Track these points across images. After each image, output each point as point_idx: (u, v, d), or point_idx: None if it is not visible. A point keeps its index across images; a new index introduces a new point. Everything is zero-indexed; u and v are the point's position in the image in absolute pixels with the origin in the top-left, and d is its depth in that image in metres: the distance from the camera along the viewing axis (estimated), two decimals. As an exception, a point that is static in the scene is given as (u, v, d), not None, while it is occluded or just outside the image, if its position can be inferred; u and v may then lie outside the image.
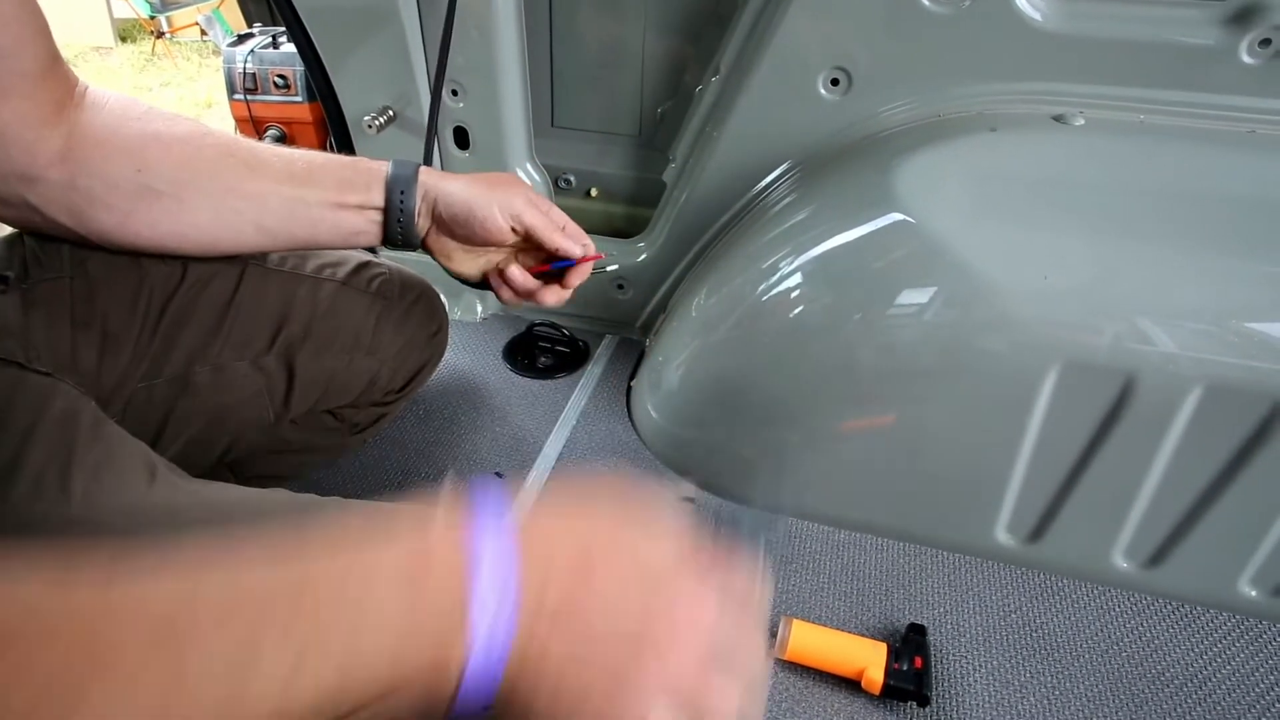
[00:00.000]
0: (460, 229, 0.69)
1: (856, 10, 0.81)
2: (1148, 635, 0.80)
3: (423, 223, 0.70)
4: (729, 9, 0.92)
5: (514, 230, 0.69)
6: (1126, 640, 0.79)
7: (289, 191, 0.65)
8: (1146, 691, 0.75)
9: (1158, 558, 0.80)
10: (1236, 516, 0.75)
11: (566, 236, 0.71)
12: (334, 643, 0.28)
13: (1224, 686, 0.75)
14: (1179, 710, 0.73)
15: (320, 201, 0.66)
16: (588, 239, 0.73)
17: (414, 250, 0.72)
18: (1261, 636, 0.80)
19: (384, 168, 0.68)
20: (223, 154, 0.63)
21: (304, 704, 0.28)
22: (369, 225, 0.69)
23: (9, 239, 0.62)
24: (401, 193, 0.67)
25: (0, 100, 0.53)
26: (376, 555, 0.31)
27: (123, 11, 4.62)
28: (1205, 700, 0.74)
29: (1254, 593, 0.80)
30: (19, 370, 0.54)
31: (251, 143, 0.66)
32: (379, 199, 0.67)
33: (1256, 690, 0.75)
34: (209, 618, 0.27)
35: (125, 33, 4.71)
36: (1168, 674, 0.76)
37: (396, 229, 0.69)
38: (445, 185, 0.69)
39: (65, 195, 0.59)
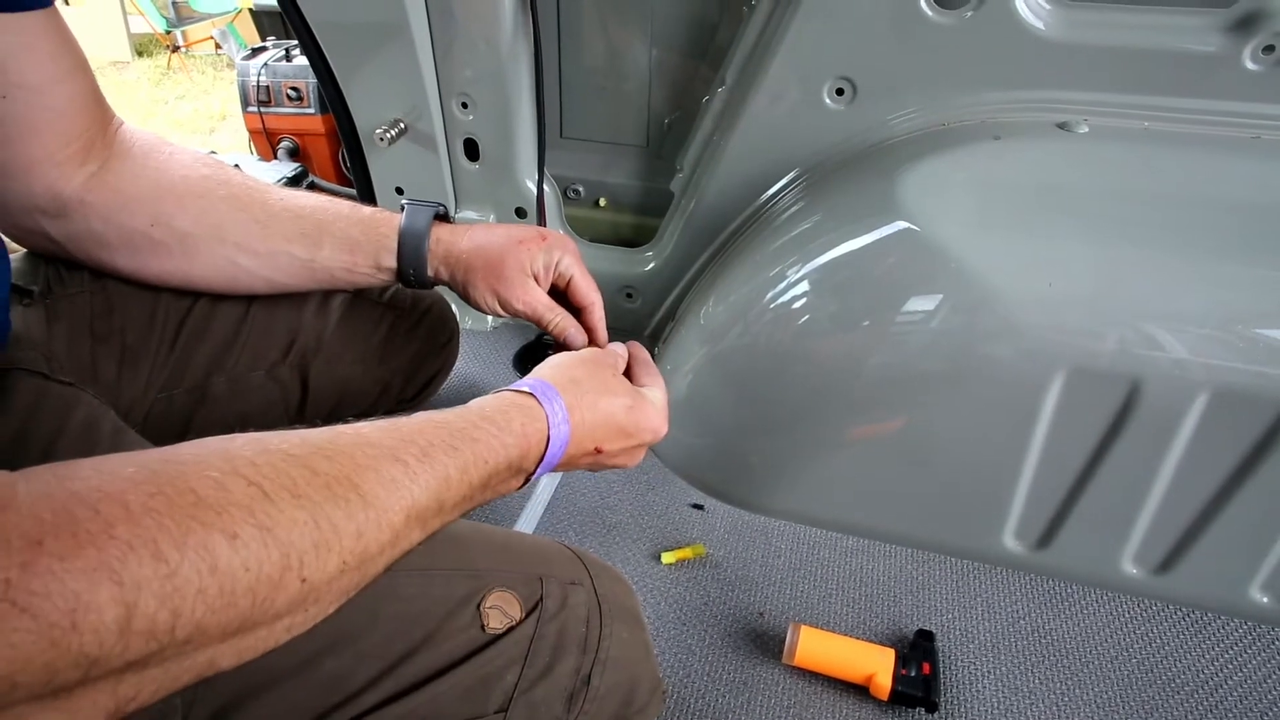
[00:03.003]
0: (465, 300, 0.71)
1: (860, 20, 0.81)
2: (1158, 642, 0.80)
3: (435, 279, 0.70)
4: (734, 20, 0.93)
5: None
6: (1136, 647, 0.79)
7: (300, 253, 0.66)
8: (1157, 698, 0.75)
9: (1167, 564, 0.80)
10: (1246, 522, 0.75)
11: (558, 315, 0.70)
12: (490, 448, 0.43)
13: (1235, 693, 0.75)
14: (1190, 717, 0.73)
15: (330, 262, 0.67)
16: (593, 297, 0.71)
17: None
18: (1274, 644, 0.79)
19: (395, 229, 0.67)
20: (234, 208, 0.64)
21: (474, 487, 0.42)
22: (382, 281, 0.70)
23: (33, 255, 0.64)
24: (412, 270, 0.68)
25: (31, 136, 0.54)
26: (493, 406, 0.46)
27: (139, 27, 4.69)
28: (1216, 707, 0.74)
29: (1265, 599, 0.80)
30: (43, 380, 0.55)
31: (265, 193, 0.66)
32: (390, 262, 0.68)
33: (1269, 698, 0.75)
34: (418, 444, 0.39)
35: (142, 47, 4.78)
36: (1178, 681, 0.76)
37: (411, 283, 0.70)
38: (454, 270, 0.68)
39: (82, 236, 0.60)
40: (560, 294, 0.71)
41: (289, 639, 0.33)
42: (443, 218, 0.70)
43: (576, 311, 0.71)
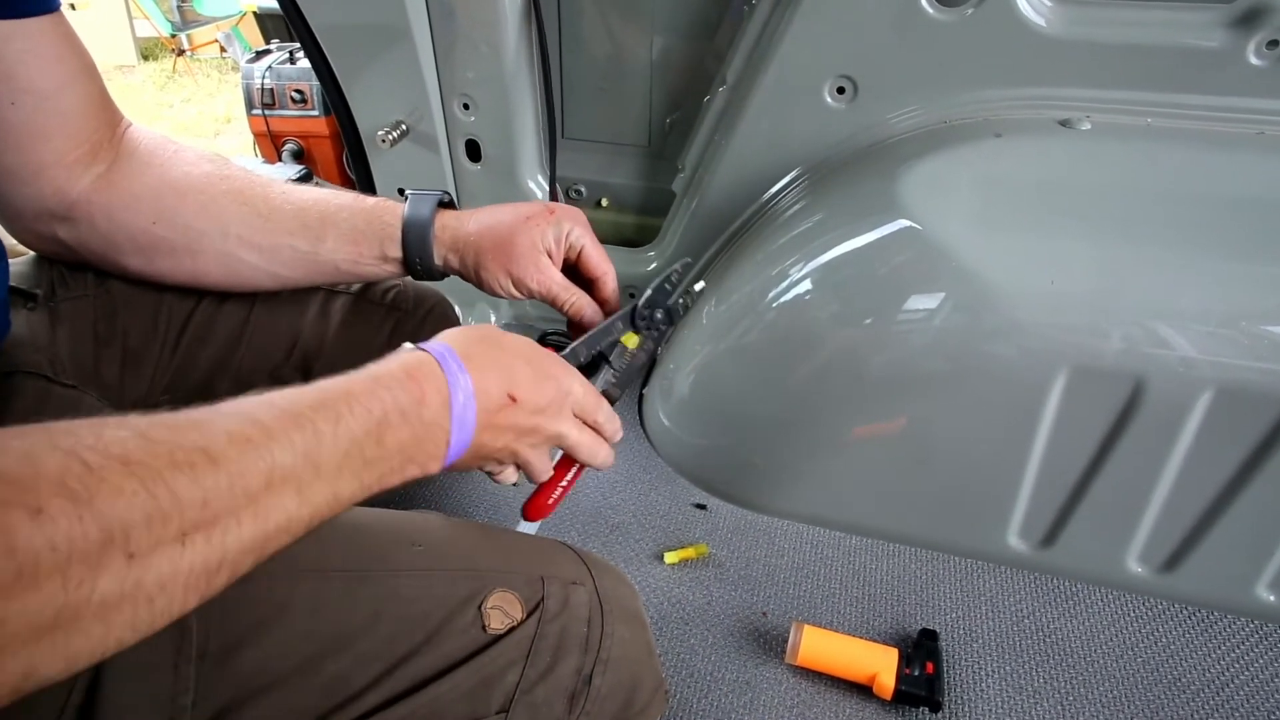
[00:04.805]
0: (472, 284, 0.69)
1: (861, 19, 0.81)
2: (1164, 640, 0.79)
3: (444, 267, 0.69)
4: (735, 19, 0.93)
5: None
6: (1142, 645, 0.79)
7: (302, 244, 0.65)
8: (1163, 697, 0.74)
9: (1173, 562, 0.80)
10: (1253, 520, 0.74)
11: (574, 295, 0.68)
12: (369, 393, 0.40)
13: (1242, 692, 0.75)
14: (1196, 716, 0.73)
15: (335, 254, 0.66)
16: (605, 266, 0.69)
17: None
18: (1280, 642, 0.79)
19: (399, 217, 0.66)
20: (236, 203, 0.63)
21: (357, 440, 0.38)
22: (388, 273, 0.69)
23: (38, 258, 0.64)
24: (419, 259, 0.67)
25: (40, 141, 0.54)
26: (386, 390, 0.41)
27: (145, 30, 4.71)
28: (1223, 706, 0.73)
29: (1272, 597, 0.79)
30: (46, 383, 0.55)
31: (268, 187, 0.65)
32: (395, 252, 0.67)
33: (1276, 697, 0.74)
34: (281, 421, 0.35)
35: (147, 51, 4.80)
36: (1184, 679, 0.76)
37: (419, 274, 0.69)
38: (463, 254, 0.67)
39: (90, 237, 0.60)
40: (570, 268, 0.70)
41: (137, 640, 0.30)
42: (447, 205, 0.69)
43: (589, 283, 0.70)
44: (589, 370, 0.67)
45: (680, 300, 0.66)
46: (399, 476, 0.42)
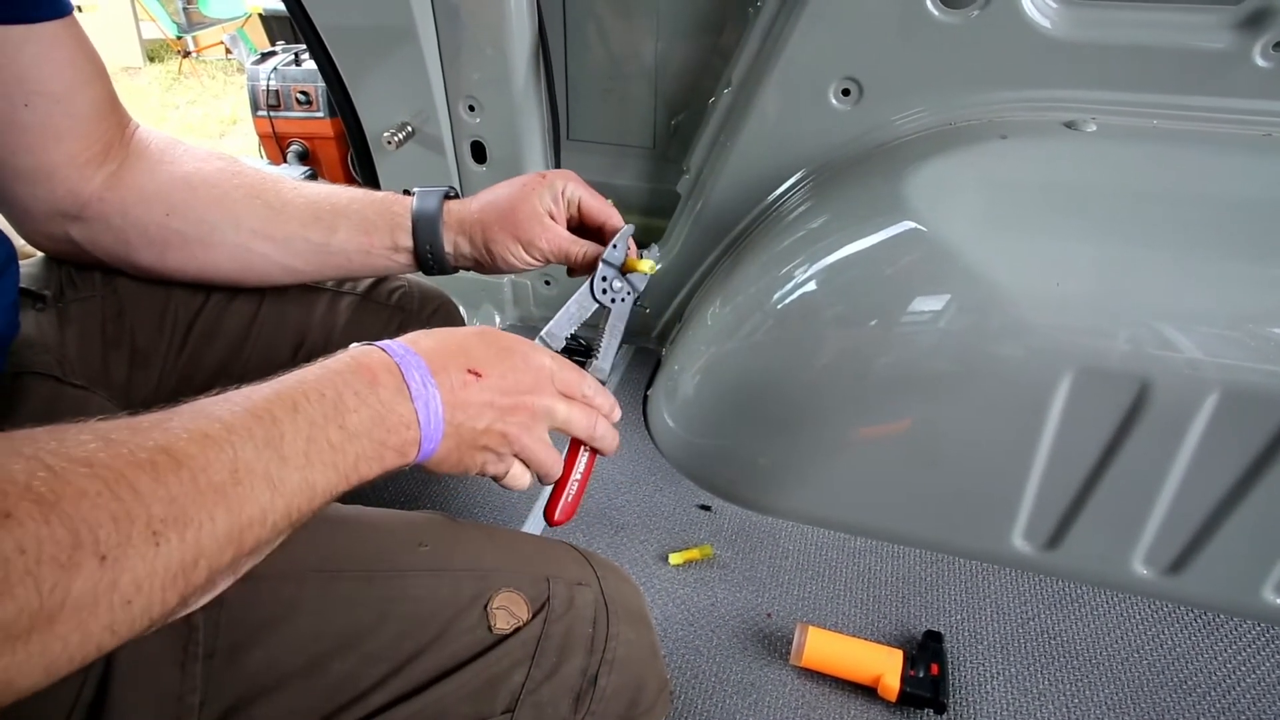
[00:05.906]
0: (487, 269, 0.70)
1: (866, 21, 0.81)
2: (1169, 643, 0.79)
3: (454, 258, 0.70)
4: (740, 21, 0.93)
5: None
6: (1147, 648, 0.79)
7: (315, 236, 0.66)
8: (1168, 700, 0.74)
9: (1179, 564, 0.80)
10: (1259, 522, 0.74)
11: (584, 246, 0.69)
12: (322, 380, 0.40)
13: (1249, 696, 0.74)
14: None
15: (347, 245, 0.67)
16: (607, 210, 0.70)
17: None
18: (1287, 645, 0.78)
19: (408, 208, 0.68)
20: (248, 196, 0.64)
21: (316, 424, 0.38)
22: (399, 265, 0.70)
23: (47, 260, 0.65)
24: (429, 246, 0.68)
25: (53, 142, 0.55)
26: (337, 375, 0.41)
27: (151, 32, 4.73)
28: (1229, 710, 0.73)
29: (1278, 600, 0.79)
30: (56, 383, 0.56)
31: (279, 182, 0.66)
32: (406, 241, 0.68)
33: (1282, 699, 0.74)
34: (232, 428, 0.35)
35: (153, 53, 4.82)
36: (1190, 682, 0.75)
37: (430, 265, 0.70)
38: (471, 234, 0.68)
39: (102, 235, 0.61)
40: (575, 227, 0.71)
41: (116, 645, 0.29)
42: (452, 199, 0.70)
43: (595, 233, 0.71)
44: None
45: (636, 260, 0.66)
46: (378, 464, 0.41)
